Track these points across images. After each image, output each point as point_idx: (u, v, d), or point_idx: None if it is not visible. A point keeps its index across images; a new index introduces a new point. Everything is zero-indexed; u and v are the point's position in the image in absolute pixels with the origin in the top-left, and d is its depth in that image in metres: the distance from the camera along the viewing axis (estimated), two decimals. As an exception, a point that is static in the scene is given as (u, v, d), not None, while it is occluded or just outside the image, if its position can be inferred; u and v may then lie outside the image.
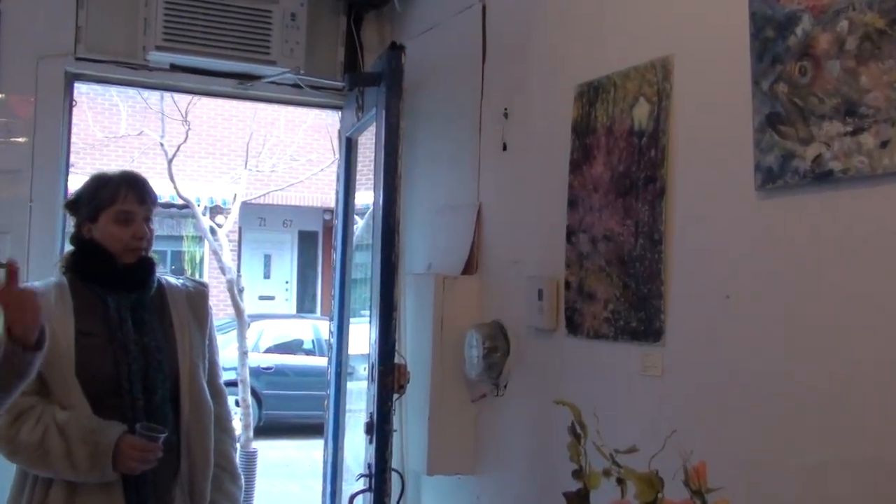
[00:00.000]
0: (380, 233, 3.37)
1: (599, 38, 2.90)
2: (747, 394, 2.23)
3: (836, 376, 2.00)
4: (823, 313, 2.04)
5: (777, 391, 2.15)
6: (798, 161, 2.09)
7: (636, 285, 2.62)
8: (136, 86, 4.35)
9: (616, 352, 2.71)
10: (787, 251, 2.14)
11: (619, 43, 2.80)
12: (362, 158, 4.48)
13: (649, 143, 2.61)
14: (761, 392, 2.19)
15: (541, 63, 3.23)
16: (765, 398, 2.18)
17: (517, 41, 3.39)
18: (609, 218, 2.75)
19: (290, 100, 4.50)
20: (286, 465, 10.52)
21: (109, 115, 13.40)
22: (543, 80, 3.21)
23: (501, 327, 3.35)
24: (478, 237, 3.57)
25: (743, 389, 2.24)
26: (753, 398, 2.21)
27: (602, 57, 2.86)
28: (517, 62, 3.38)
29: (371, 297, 3.51)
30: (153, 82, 4.19)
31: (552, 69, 3.15)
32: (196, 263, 15.91)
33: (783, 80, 2.14)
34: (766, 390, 2.18)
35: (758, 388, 2.20)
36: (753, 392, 2.21)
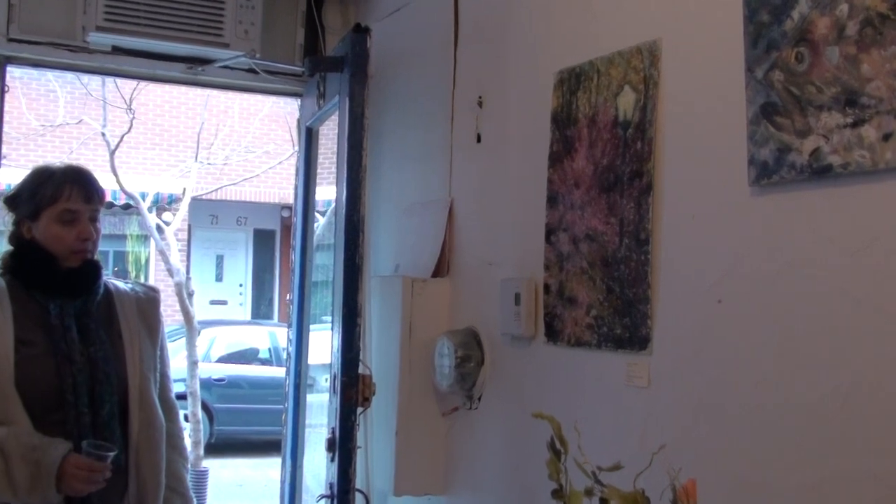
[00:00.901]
0: (343, 232, 3.36)
1: (582, 20, 2.91)
2: (741, 406, 2.24)
3: (839, 386, 2.01)
4: (823, 319, 2.06)
5: (773, 403, 2.16)
6: (795, 155, 2.11)
7: (621, 289, 2.63)
8: (74, 70, 4.31)
9: (599, 361, 2.71)
10: (784, 251, 2.16)
11: (603, 26, 2.81)
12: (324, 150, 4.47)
13: (635, 134, 2.62)
14: (756, 404, 2.20)
15: (518, 47, 3.24)
16: (760, 411, 2.19)
17: (493, 24, 3.39)
18: (591, 216, 2.76)
19: (244, 86, 4.48)
20: (239, 486, 10.47)
21: (46, 101, 13.29)
22: (521, 66, 3.21)
23: (475, 334, 3.35)
24: (449, 237, 3.57)
25: (736, 401, 2.26)
26: (748, 411, 2.23)
27: (584, 41, 2.87)
28: (493, 46, 3.38)
29: (333, 302, 3.50)
30: (94, 66, 4.16)
31: (530, 54, 3.16)
32: (141, 265, 15.80)
33: (779, 68, 2.15)
34: (761, 402, 2.19)
35: (753, 400, 2.21)
36: (748, 404, 2.23)
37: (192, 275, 12.27)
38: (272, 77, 4.35)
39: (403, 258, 3.87)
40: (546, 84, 2.99)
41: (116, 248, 15.69)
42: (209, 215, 17.78)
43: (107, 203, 2.89)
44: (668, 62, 2.54)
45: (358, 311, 3.32)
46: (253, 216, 18.37)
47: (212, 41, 4.10)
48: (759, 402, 2.20)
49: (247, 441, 11.75)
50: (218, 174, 13.57)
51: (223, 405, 11.86)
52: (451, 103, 3.60)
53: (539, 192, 2.98)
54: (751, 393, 2.22)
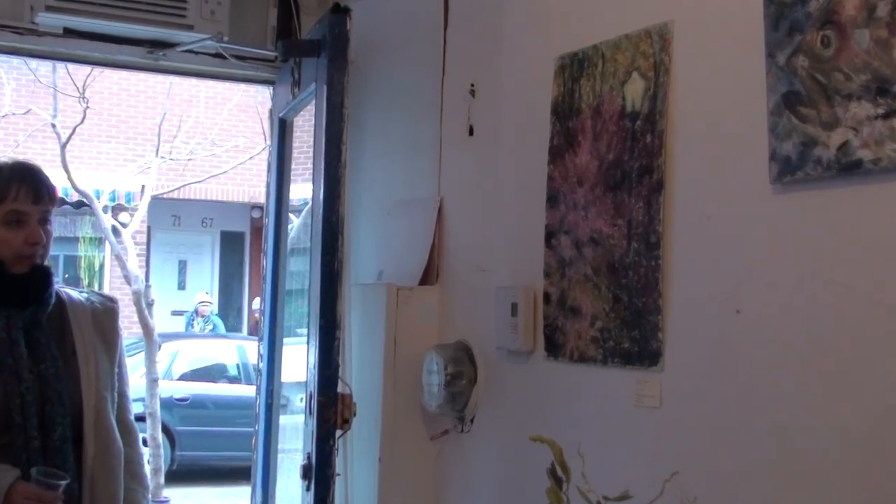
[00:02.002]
0: (320, 234, 3.36)
1: (584, 0, 2.92)
2: (763, 428, 2.25)
3: (871, 406, 2.02)
4: (853, 331, 2.06)
5: (799, 425, 2.17)
6: (821, 149, 2.11)
7: (629, 298, 2.64)
8: (22, 54, 4.29)
9: (605, 378, 2.72)
10: (809, 256, 2.16)
11: (609, 7, 2.82)
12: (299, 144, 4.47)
13: (644, 126, 2.62)
14: (780, 426, 2.21)
15: (515, 30, 3.24)
16: (784, 433, 2.20)
17: (487, 3, 3.40)
18: (596, 217, 2.76)
19: (210, 72, 4.47)
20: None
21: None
22: (518, 51, 3.22)
23: (467, 349, 3.35)
24: (439, 240, 3.58)
25: (757, 423, 2.26)
26: (769, 434, 2.23)
27: (588, 23, 2.88)
28: (487, 29, 3.39)
29: (309, 313, 3.50)
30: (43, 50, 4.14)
31: (529, 37, 3.16)
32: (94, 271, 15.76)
33: (803, 53, 2.16)
34: (785, 424, 2.20)
35: (775, 422, 2.22)
36: (770, 426, 2.23)
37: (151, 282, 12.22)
38: (241, 62, 4.34)
39: (387, 264, 3.87)
40: (546, 71, 3.00)
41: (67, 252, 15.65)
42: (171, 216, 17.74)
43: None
44: (681, 46, 2.55)
45: (337, 322, 3.31)
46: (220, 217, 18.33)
47: (174, 22, 4.09)
48: (782, 423, 2.20)
49: (212, 468, 11.71)
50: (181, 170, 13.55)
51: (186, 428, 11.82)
52: (441, 92, 3.60)
53: (538, 190, 2.99)
54: (773, 414, 2.22)
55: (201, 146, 13.12)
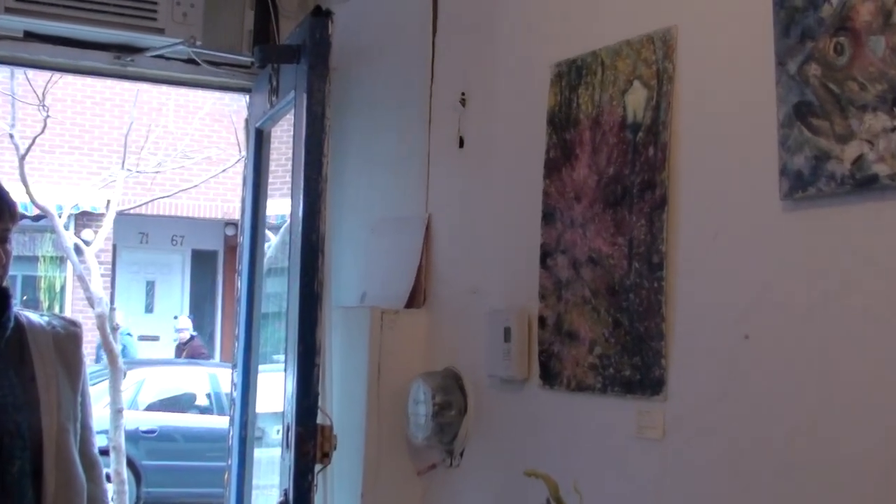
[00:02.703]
0: (299, 253, 3.36)
1: (584, 4, 2.94)
2: (773, 462, 2.26)
3: (889, 439, 2.03)
4: (870, 357, 2.07)
5: (812, 458, 2.17)
6: (834, 163, 2.13)
7: (630, 322, 2.65)
8: (-23, 59, 4.30)
9: (605, 408, 2.72)
10: (822, 277, 2.17)
11: (609, 11, 2.83)
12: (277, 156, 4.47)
13: (646, 138, 2.64)
14: (791, 460, 2.22)
15: (508, 35, 3.26)
16: (796, 468, 2.20)
17: (479, 7, 3.42)
18: (595, 235, 2.77)
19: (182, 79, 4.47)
20: (173, 560, 10.38)
21: (-59, 97, 13.23)
22: (512, 58, 3.23)
23: (456, 377, 3.35)
24: (426, 260, 3.58)
25: (767, 456, 2.27)
26: (780, 470, 2.24)
27: (587, 28, 2.90)
28: (478, 34, 3.40)
29: (287, 338, 3.50)
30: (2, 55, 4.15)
31: (523, 43, 3.18)
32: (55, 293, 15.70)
33: (815, 61, 2.18)
34: (797, 458, 2.20)
35: (786, 455, 2.23)
36: (781, 460, 2.24)
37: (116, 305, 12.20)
38: (216, 69, 4.35)
39: (371, 285, 3.87)
40: (541, 79, 3.01)
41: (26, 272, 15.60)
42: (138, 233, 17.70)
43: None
44: (685, 53, 2.57)
45: (316, 348, 3.31)
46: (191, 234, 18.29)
47: (144, 26, 4.10)
48: (794, 457, 2.21)
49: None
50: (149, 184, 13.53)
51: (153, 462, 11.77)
52: (429, 101, 3.61)
53: (533, 206, 3.00)
54: (784, 446, 2.23)
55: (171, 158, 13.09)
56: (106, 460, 8.41)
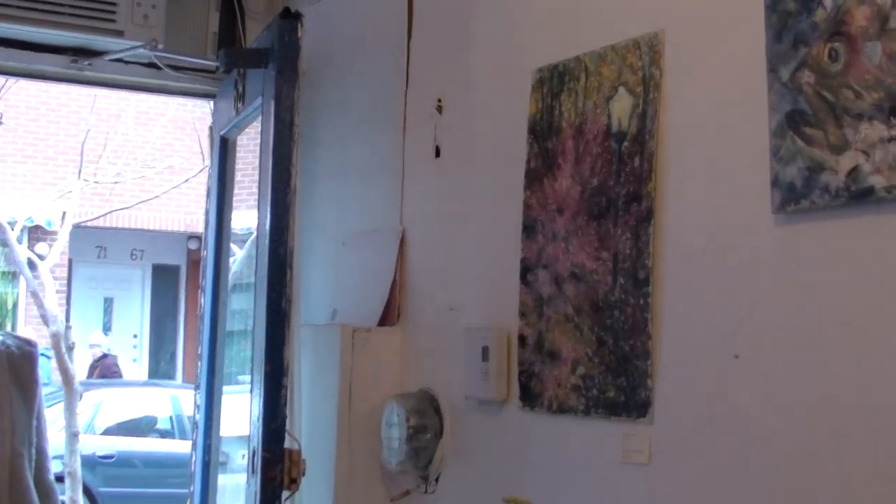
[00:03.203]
0: (266, 268, 3.36)
1: (567, 7, 2.94)
2: (764, 489, 2.26)
3: (888, 465, 2.03)
4: (867, 379, 2.07)
5: (803, 488, 2.18)
6: (828, 175, 2.13)
7: (615, 341, 2.65)
8: (-76, 63, 4.28)
9: (588, 431, 2.72)
10: (816, 294, 2.18)
11: (593, 14, 2.84)
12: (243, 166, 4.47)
13: (632, 148, 2.64)
14: (783, 487, 2.22)
15: (487, 39, 3.26)
16: (788, 495, 2.21)
17: (456, 9, 3.42)
18: (578, 249, 2.78)
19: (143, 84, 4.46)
20: (132, 593, 10.31)
21: None
22: (490, 63, 3.24)
23: (432, 398, 3.35)
24: (401, 275, 3.58)
25: (759, 483, 2.27)
26: (772, 495, 2.24)
27: (570, 32, 2.90)
28: (455, 38, 3.41)
29: (253, 358, 3.48)
30: (-51, 58, 4.13)
31: (502, 47, 3.18)
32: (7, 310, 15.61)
33: (808, 67, 2.19)
34: (789, 485, 2.21)
35: (779, 482, 2.23)
36: (773, 487, 2.24)
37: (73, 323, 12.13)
38: (178, 73, 4.34)
39: (342, 302, 3.86)
40: (522, 85, 3.02)
41: (-24, 288, 15.52)
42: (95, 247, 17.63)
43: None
44: (673, 59, 2.57)
45: (284, 368, 3.30)
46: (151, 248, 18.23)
47: (102, 28, 4.08)
48: (786, 484, 2.21)
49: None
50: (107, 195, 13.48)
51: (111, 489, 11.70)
52: (404, 108, 3.62)
53: (513, 219, 3.00)
54: (776, 472, 2.23)
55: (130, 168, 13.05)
56: (61, 487, 8.37)
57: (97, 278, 18.08)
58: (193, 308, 16.92)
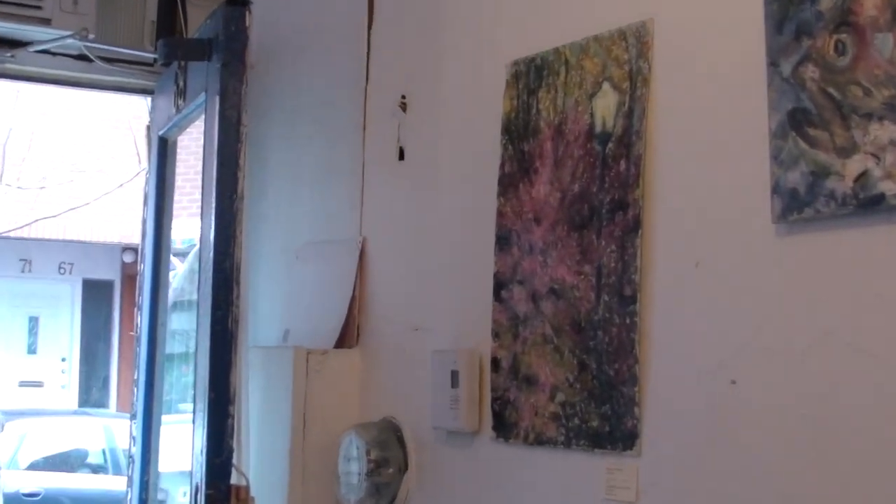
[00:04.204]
0: (210, 284, 3.34)
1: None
2: (763, 527, 2.26)
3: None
4: (877, 407, 2.08)
5: (807, 523, 2.19)
6: (834, 180, 2.14)
7: (598, 365, 2.65)
8: None
9: (569, 465, 2.72)
10: (821, 313, 2.18)
11: (574, 1, 2.85)
12: (184, 170, 4.45)
13: (618, 150, 2.65)
14: (784, 524, 2.23)
15: (457, 29, 3.26)
16: (789, 534, 2.21)
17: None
18: (558, 263, 2.77)
19: (73, 79, 4.44)
20: None
21: None
22: (461, 55, 3.23)
23: (395, 429, 3.34)
24: (360, 291, 3.57)
25: (757, 521, 2.28)
26: (772, 534, 2.24)
27: (548, 22, 2.90)
28: (421, 27, 3.41)
29: (196, 384, 3.47)
30: None
31: (474, 39, 3.18)
32: (-80, 331, 15.51)
33: (812, 61, 2.19)
34: (790, 522, 2.21)
35: (778, 519, 2.24)
36: (772, 525, 2.25)
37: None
38: (112, 66, 4.32)
39: (295, 321, 3.85)
40: (495, 80, 3.02)
41: None
42: (19, 260, 17.54)
43: None
44: (663, 51, 2.58)
45: (230, 396, 3.29)
46: (82, 262, 18.16)
47: (26, 16, 4.06)
48: (788, 521, 2.22)
49: (70, 582, 11.53)
50: (31, 202, 13.42)
51: (36, 531, 11.65)
52: (364, 105, 3.61)
53: (485, 229, 3.00)
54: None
55: (57, 172, 13.01)
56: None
57: (21, 295, 17.96)
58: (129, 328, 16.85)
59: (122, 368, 17.67)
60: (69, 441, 12.79)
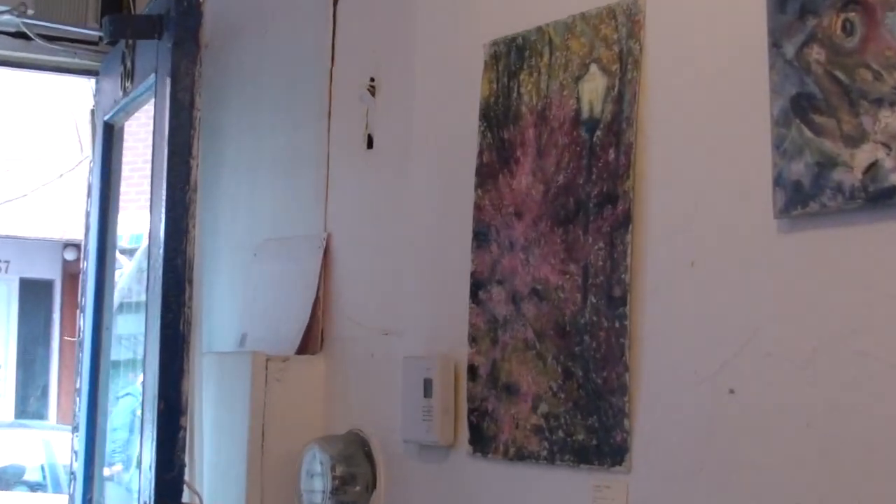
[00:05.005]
0: (160, 284, 3.34)
1: (526, -33, 2.96)
2: (764, 549, 2.27)
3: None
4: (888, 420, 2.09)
5: (811, 545, 2.19)
6: (842, 171, 2.14)
7: (585, 373, 2.65)
8: None
9: (553, 482, 2.72)
10: (826, 316, 2.18)
11: (558, -24, 2.85)
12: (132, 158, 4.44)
13: (607, 138, 2.65)
14: (786, 546, 2.23)
15: (430, 6, 3.26)
16: (792, 556, 2.22)
17: (392, -31, 3.42)
18: (541, 261, 2.78)
19: (9, 58, 4.43)
20: None
21: None
22: (435, 34, 3.23)
23: (363, 442, 3.34)
24: (325, 292, 3.57)
25: (757, 542, 2.28)
26: (773, 557, 2.25)
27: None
28: (392, 3, 3.40)
29: (144, 394, 3.46)
30: None
31: (449, 16, 3.18)
32: None
33: (818, 42, 2.20)
34: (793, 543, 2.22)
35: (780, 541, 2.24)
36: (773, 546, 2.25)
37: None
38: (53, 45, 4.31)
39: (254, 325, 3.84)
40: (472, 61, 3.02)
41: None
42: (-50, 258, 17.51)
43: None
44: (655, 31, 2.58)
45: (182, 407, 3.29)
46: (18, 259, 18.11)
47: (-42, -11, 4.06)
48: (791, 543, 2.22)
49: None
50: (-36, 194, 13.38)
51: (-32, 555, 11.62)
52: (329, 88, 3.61)
53: (462, 224, 3.00)
54: (779, 529, 2.24)
55: (-7, 160, 12.96)
56: None
57: (-48, 295, 17.95)
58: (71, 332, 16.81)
59: (63, 376, 17.62)
60: (4, 456, 12.75)
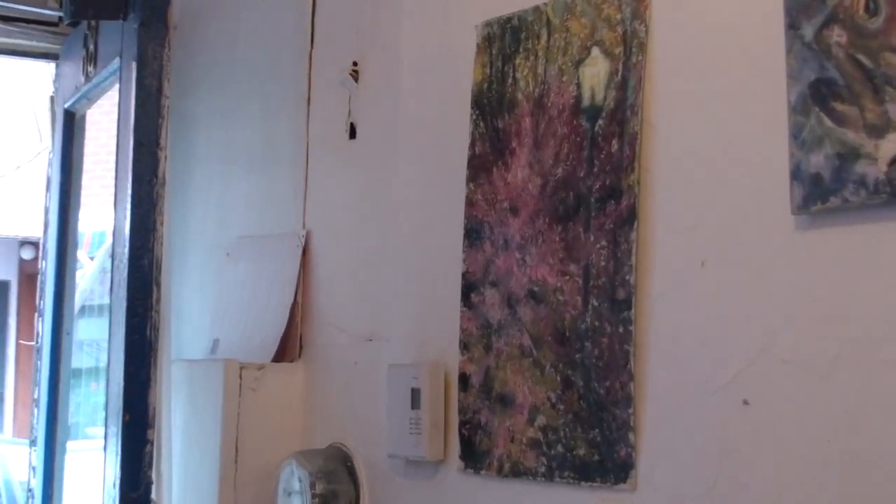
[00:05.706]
0: (125, 286, 3.33)
1: (522, -58, 2.95)
2: (780, 574, 2.27)
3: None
4: (910, 430, 2.09)
5: (831, 568, 2.19)
6: (865, 164, 2.14)
7: (586, 382, 2.65)
8: None
9: (551, 500, 2.72)
10: (848, 320, 2.18)
11: (557, -48, 2.85)
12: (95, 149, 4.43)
13: (609, 128, 2.64)
14: (804, 570, 2.23)
15: (418, -16, 3.26)
16: (810, 581, 2.22)
17: (376, -56, 3.42)
18: (539, 261, 2.77)
19: (-40, 41, 4.43)
20: None
21: None
22: (423, 14, 3.23)
23: (345, 458, 3.34)
24: (303, 295, 3.56)
25: (772, 566, 2.28)
26: (791, 581, 2.25)
27: (526, -24, 2.91)
28: (376, -18, 3.41)
29: (108, 404, 3.46)
30: None
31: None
32: None
33: (839, 23, 2.19)
34: (812, 567, 2.22)
35: (798, 564, 2.24)
36: (791, 570, 2.25)
37: None
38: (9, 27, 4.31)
39: (226, 330, 3.84)
40: (464, 44, 3.01)
41: None
42: None
43: None
44: (662, 11, 2.58)
45: (149, 418, 3.28)
46: (-28, 259, 18.13)
47: None
48: (810, 567, 2.22)
49: None
50: (-88, 188, 13.37)
51: (-83, 579, 11.61)
52: (308, 73, 3.60)
53: (452, 221, 3.00)
54: (797, 552, 2.24)
55: (-57, 151, 12.96)
56: None
57: None
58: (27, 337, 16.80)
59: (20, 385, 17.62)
60: (-44, 472, 12.74)
